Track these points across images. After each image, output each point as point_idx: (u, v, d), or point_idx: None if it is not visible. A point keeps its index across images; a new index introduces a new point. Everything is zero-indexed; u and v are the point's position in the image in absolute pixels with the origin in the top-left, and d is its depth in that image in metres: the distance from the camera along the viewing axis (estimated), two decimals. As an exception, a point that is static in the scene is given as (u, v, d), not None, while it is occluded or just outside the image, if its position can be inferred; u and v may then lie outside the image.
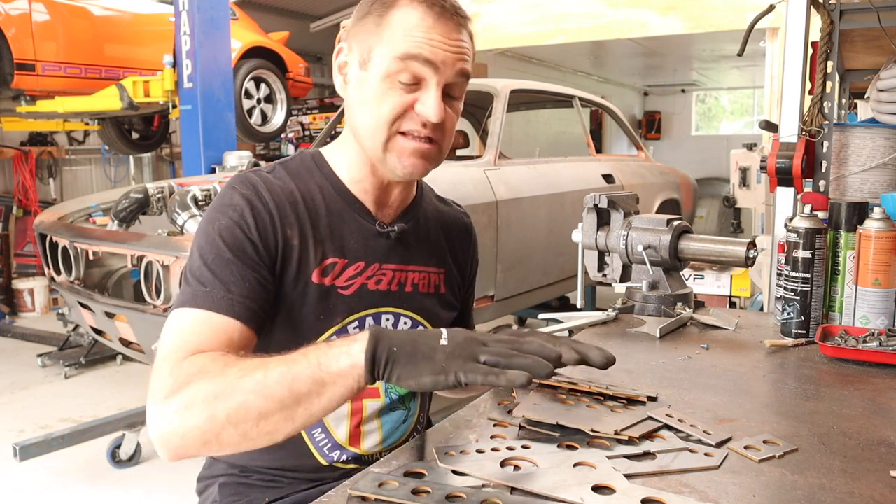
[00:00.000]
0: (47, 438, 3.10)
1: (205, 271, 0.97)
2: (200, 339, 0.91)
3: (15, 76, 4.68)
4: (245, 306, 0.96)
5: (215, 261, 0.98)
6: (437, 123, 1.02)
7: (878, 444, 0.88)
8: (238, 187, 1.05)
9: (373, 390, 1.12)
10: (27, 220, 6.20)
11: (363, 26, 1.03)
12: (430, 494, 0.73)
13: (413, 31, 1.00)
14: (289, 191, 1.07)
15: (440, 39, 1.00)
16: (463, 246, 1.28)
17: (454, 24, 1.02)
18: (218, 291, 0.95)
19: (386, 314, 1.12)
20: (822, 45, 1.86)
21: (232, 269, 0.97)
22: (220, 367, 0.84)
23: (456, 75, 1.02)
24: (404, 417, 1.16)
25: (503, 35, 6.52)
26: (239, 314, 0.95)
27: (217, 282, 0.96)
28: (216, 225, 1.01)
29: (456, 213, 1.30)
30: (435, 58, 1.00)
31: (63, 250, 3.07)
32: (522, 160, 3.84)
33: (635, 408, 0.96)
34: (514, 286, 3.55)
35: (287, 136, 8.85)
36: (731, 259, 1.51)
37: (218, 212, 1.02)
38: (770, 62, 5.48)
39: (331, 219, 1.08)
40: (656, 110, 13.10)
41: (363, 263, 1.09)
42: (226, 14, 4.76)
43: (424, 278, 1.17)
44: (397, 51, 0.99)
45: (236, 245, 0.99)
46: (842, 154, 1.90)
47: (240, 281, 0.97)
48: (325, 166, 1.12)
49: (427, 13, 1.00)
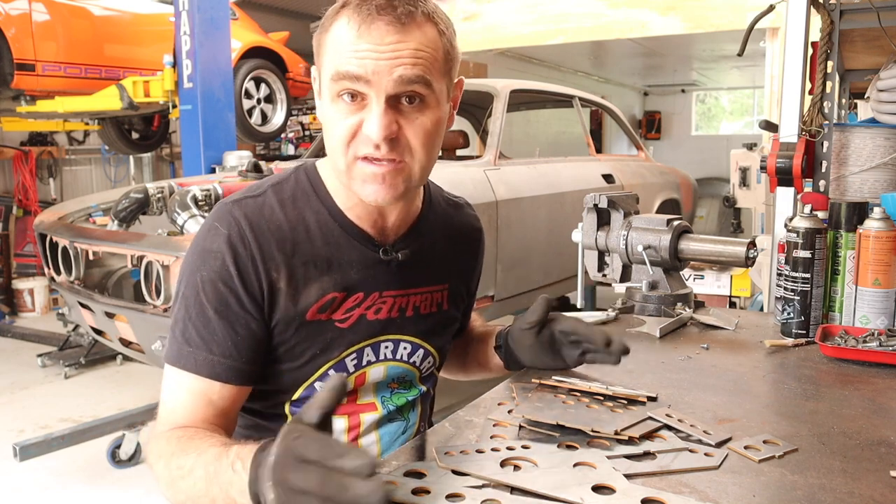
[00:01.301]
0: (47, 438, 3.10)
1: (189, 328, 0.97)
2: (184, 405, 0.97)
3: (15, 76, 4.67)
4: (226, 366, 0.97)
5: (199, 317, 0.97)
6: (393, 139, 0.92)
7: (878, 444, 0.88)
8: (220, 226, 0.99)
9: (368, 404, 1.10)
10: (27, 220, 6.20)
11: (316, 47, 0.98)
12: (431, 494, 0.73)
13: (341, 45, 0.91)
14: (276, 226, 1.00)
15: (368, 48, 0.89)
16: (470, 253, 1.24)
17: (389, 27, 0.90)
18: (200, 353, 0.96)
19: (385, 342, 1.08)
20: (822, 45, 1.86)
21: (214, 327, 0.96)
22: (167, 456, 0.89)
23: (399, 83, 0.90)
24: (403, 428, 1.14)
25: (503, 35, 6.52)
26: (219, 375, 0.96)
27: (200, 341, 0.96)
28: (198, 276, 0.98)
29: (465, 218, 1.24)
30: (363, 71, 0.89)
31: (63, 250, 3.07)
32: (522, 160, 3.84)
33: (635, 408, 0.96)
34: (514, 286, 3.55)
35: (287, 136, 8.85)
36: (731, 259, 1.51)
37: (200, 258, 0.99)
38: (770, 62, 5.49)
39: (328, 250, 1.02)
40: (656, 110, 13.11)
41: (362, 294, 1.04)
42: (226, 14, 4.76)
43: (426, 299, 1.13)
44: (329, 71, 0.92)
45: (219, 300, 0.97)
46: (842, 154, 1.90)
47: (222, 340, 0.96)
48: (322, 188, 1.05)
49: (354, 20, 0.90)
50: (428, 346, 1.13)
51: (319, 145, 4.38)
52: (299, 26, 8.10)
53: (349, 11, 0.92)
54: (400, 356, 1.10)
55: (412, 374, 1.14)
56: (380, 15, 0.90)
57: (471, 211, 1.26)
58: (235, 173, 3.98)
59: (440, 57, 0.95)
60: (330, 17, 0.95)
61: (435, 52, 0.94)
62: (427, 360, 1.14)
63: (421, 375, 1.15)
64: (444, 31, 0.95)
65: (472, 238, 1.25)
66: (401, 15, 0.90)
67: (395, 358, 1.10)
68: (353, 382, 1.07)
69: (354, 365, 1.06)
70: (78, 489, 3.03)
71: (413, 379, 1.15)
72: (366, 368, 1.07)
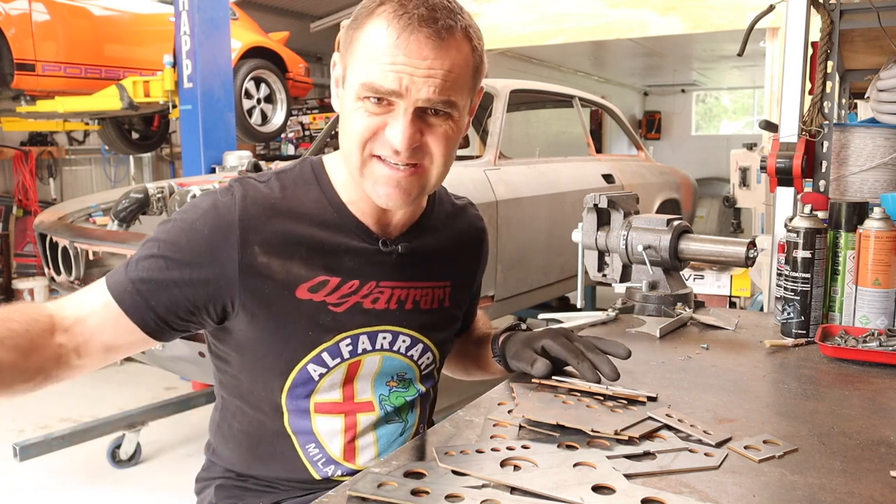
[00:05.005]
0: (47, 438, 3.09)
1: (142, 267, 1.00)
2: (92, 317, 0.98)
3: (15, 76, 4.68)
4: (150, 316, 0.99)
5: (155, 262, 0.99)
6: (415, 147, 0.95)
7: (878, 444, 0.88)
8: (218, 193, 1.03)
9: (366, 402, 1.10)
10: (27, 220, 6.20)
11: (344, 40, 0.97)
12: (430, 494, 0.73)
13: (376, 51, 0.91)
14: (270, 204, 1.02)
15: (404, 61, 0.90)
16: (474, 253, 1.24)
17: (428, 41, 0.90)
18: (134, 296, 0.99)
19: (383, 333, 1.08)
20: (822, 45, 1.86)
21: (150, 264, 0.99)
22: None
23: (429, 102, 0.92)
24: (401, 430, 1.13)
25: (503, 35, 6.52)
26: (138, 320, 0.99)
27: (142, 283, 0.99)
28: (174, 219, 1.02)
29: (469, 219, 1.24)
30: (397, 86, 0.91)
31: (63, 250, 3.07)
32: (522, 160, 3.84)
33: (635, 408, 0.96)
34: (514, 286, 3.55)
35: (287, 136, 8.85)
36: (731, 259, 1.51)
37: (184, 209, 1.03)
38: (770, 62, 5.48)
39: (321, 234, 1.04)
40: (656, 110, 13.09)
41: (357, 282, 1.05)
42: (226, 14, 4.76)
43: (427, 294, 1.13)
44: (360, 76, 0.93)
45: (172, 246, 1.00)
46: (842, 154, 1.90)
47: (147, 278, 0.99)
48: (325, 179, 1.07)
49: (394, 27, 0.90)
50: (427, 340, 1.14)
51: (320, 145, 4.38)
52: (299, 26, 8.10)
53: (388, 14, 0.91)
54: (398, 348, 1.11)
55: (411, 370, 1.14)
56: (420, 26, 0.90)
57: (474, 211, 1.27)
58: (235, 173, 3.99)
59: (470, 74, 0.97)
60: (365, 15, 0.94)
61: (465, 70, 0.95)
62: (426, 355, 1.14)
63: (421, 373, 1.15)
64: (476, 46, 0.97)
65: (476, 238, 1.25)
66: (441, 29, 0.90)
67: (392, 349, 1.10)
68: (348, 369, 1.07)
69: (349, 351, 1.06)
70: (78, 489, 3.03)
71: (413, 377, 1.14)
72: (361, 356, 1.07)
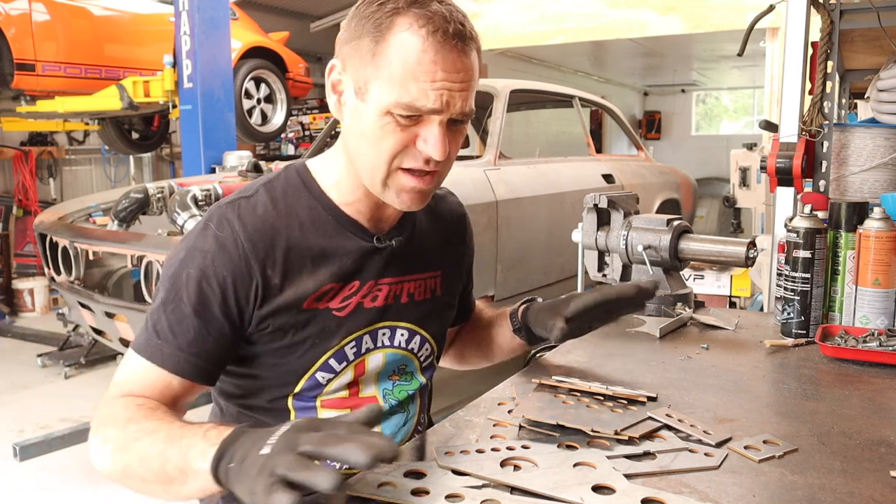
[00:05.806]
0: (47, 438, 3.10)
1: (162, 321, 0.97)
2: (141, 387, 0.96)
3: (15, 76, 4.68)
4: (192, 363, 0.97)
5: (175, 312, 0.97)
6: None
7: (878, 444, 0.88)
8: (213, 227, 1.00)
9: (370, 398, 1.10)
10: (27, 220, 6.20)
11: (358, 49, 0.94)
12: (430, 494, 0.73)
13: (415, 71, 0.90)
14: (269, 223, 1.01)
15: (443, 77, 0.91)
16: (458, 238, 1.27)
17: (459, 51, 0.92)
18: (168, 348, 0.97)
19: (382, 329, 1.10)
20: (822, 45, 1.86)
21: (188, 325, 0.97)
22: (123, 420, 0.89)
23: (461, 113, 0.94)
24: (404, 420, 1.15)
25: (503, 35, 6.52)
26: (183, 371, 0.97)
27: (171, 336, 0.97)
28: (185, 273, 0.98)
29: (450, 206, 1.27)
30: (440, 104, 0.92)
31: (63, 250, 3.07)
32: (522, 160, 3.84)
33: (635, 408, 0.96)
34: (514, 286, 3.55)
35: (287, 136, 8.86)
36: (731, 259, 1.51)
37: (189, 255, 0.99)
38: (770, 62, 5.49)
39: (323, 242, 1.04)
40: (656, 110, 13.10)
41: (358, 283, 1.06)
42: (226, 14, 4.77)
43: (420, 286, 1.15)
44: (395, 95, 0.91)
45: (200, 300, 0.97)
46: (842, 154, 1.90)
47: (194, 339, 0.97)
48: (314, 185, 1.07)
49: (428, 43, 0.90)
50: (424, 332, 1.15)
51: (320, 145, 4.37)
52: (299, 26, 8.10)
53: (415, 27, 0.90)
54: (398, 343, 1.12)
55: (412, 362, 1.15)
56: (451, 39, 0.91)
57: (454, 198, 1.30)
58: (235, 173, 3.98)
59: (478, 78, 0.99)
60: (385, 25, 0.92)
61: (477, 74, 0.97)
62: (424, 346, 1.16)
63: (421, 365, 1.17)
64: (479, 48, 0.98)
65: (459, 223, 1.28)
66: (464, 38, 0.92)
67: (392, 344, 1.11)
68: (354, 371, 1.08)
69: (354, 353, 1.07)
70: (78, 489, 3.02)
71: (414, 369, 1.16)
72: (364, 356, 1.08)
